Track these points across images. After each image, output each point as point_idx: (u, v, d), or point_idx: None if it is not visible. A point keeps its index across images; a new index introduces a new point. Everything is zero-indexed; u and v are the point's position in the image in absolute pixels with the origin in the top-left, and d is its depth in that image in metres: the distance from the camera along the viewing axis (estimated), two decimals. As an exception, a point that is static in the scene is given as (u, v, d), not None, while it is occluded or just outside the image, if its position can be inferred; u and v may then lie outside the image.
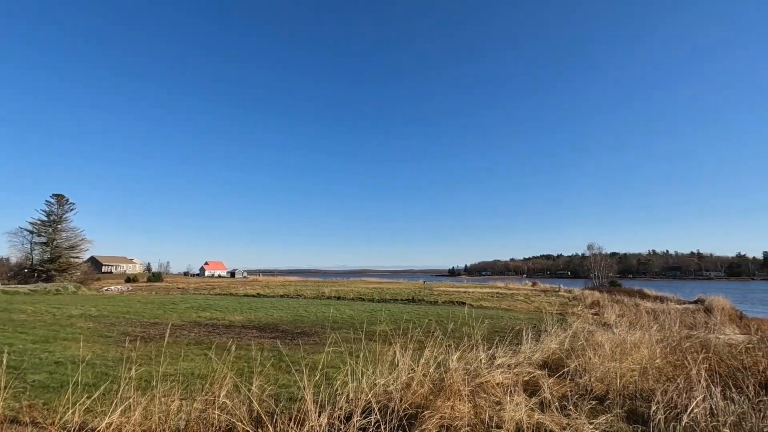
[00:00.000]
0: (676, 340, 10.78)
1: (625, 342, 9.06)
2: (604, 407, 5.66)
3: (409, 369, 5.23)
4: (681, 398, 5.22)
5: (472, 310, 24.59)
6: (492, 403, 4.96)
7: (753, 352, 9.75)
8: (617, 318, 17.79)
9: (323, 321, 17.68)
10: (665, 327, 13.42)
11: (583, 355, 7.73)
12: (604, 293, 39.46)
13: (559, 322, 12.68)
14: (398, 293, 38.77)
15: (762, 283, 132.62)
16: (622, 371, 7.13)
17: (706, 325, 17.01)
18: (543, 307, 26.55)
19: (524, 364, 7.87)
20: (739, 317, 26.19)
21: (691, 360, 7.77)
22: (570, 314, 21.03)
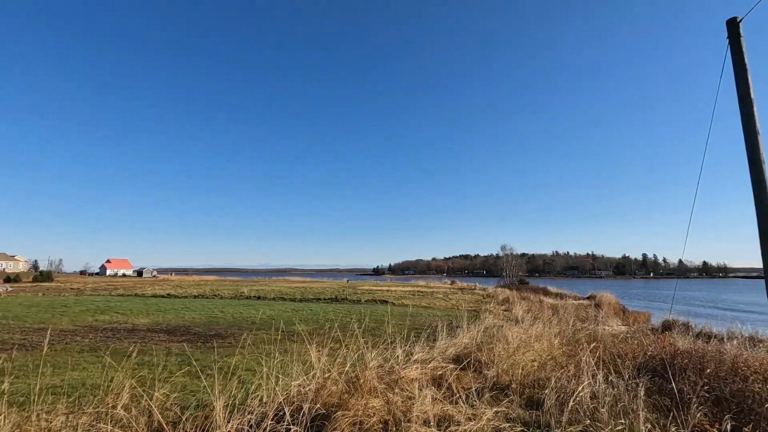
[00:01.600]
0: (571, 332, 12.02)
1: (528, 335, 9.88)
2: (506, 397, 6.11)
3: (325, 369, 5.19)
4: (570, 384, 5.81)
5: (393, 308, 25.14)
6: (405, 398, 5.11)
7: (630, 340, 11.22)
8: (524, 313, 19.27)
9: (240, 322, 16.88)
10: (563, 321, 14.91)
11: (492, 348, 8.28)
12: (514, 291, 42.72)
13: (473, 319, 13.45)
14: (322, 292, 38.35)
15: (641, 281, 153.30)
16: (525, 362, 7.77)
17: (596, 318, 19.22)
18: (460, 304, 27.98)
19: (438, 359, 8.22)
20: (622, 311, 29.94)
21: (581, 350, 8.71)
22: (483, 311, 22.40)
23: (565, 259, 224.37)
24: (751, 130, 5.51)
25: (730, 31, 5.84)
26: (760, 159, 5.46)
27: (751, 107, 5.56)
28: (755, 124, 5.51)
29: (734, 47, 5.77)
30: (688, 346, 8.87)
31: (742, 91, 5.62)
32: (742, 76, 5.67)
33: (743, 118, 5.59)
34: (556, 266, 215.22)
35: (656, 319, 25.12)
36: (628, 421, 4.80)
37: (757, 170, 5.45)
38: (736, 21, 5.80)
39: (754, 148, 5.47)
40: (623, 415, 4.90)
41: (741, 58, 5.71)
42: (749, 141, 5.53)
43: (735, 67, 5.75)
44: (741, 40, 5.76)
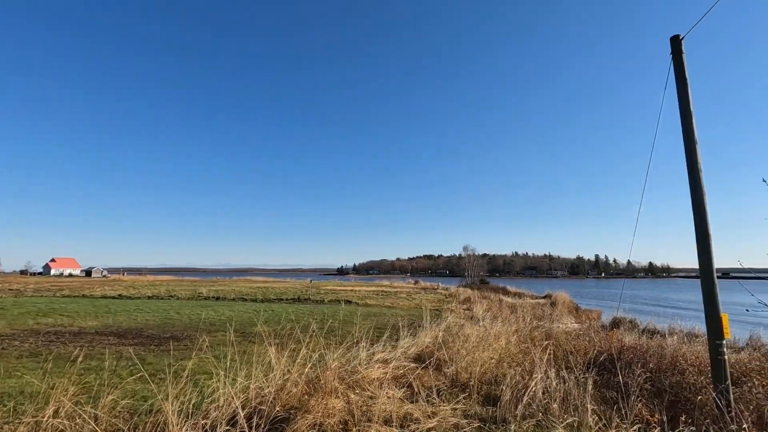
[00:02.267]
0: (528, 330, 12.46)
1: (488, 334, 10.16)
2: (465, 393, 6.25)
3: (285, 370, 5.11)
4: (525, 380, 6.04)
5: (357, 308, 25.09)
6: (366, 397, 5.12)
7: (582, 337, 11.78)
8: (484, 312, 19.72)
9: (198, 323, 16.29)
10: (520, 319, 15.42)
11: (453, 347, 8.45)
12: (475, 290, 43.76)
13: (435, 318, 13.64)
14: (284, 293, 37.69)
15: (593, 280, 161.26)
16: (483, 360, 7.98)
17: (551, 316, 20.05)
18: (422, 304, 28.30)
19: (401, 358, 8.29)
20: (575, 309, 31.35)
21: (536, 347, 9.05)
22: (445, 310, 22.77)
23: (524, 260, 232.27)
24: (690, 140, 5.93)
25: (674, 48, 6.26)
26: (697, 167, 5.89)
27: (690, 119, 5.99)
28: (694, 134, 5.94)
29: (677, 63, 6.19)
30: (633, 342, 9.42)
31: (683, 104, 6.04)
32: (683, 90, 6.10)
33: (684, 128, 6.02)
34: (516, 266, 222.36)
35: (606, 317, 26.51)
36: (578, 414, 5.04)
37: (695, 177, 5.87)
38: (679, 38, 6.23)
39: (692, 157, 5.90)
40: (573, 409, 5.14)
41: (682, 73, 6.13)
42: (689, 150, 5.96)
43: (677, 81, 6.18)
44: (683, 57, 6.19)
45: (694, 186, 5.86)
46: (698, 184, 5.84)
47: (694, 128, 5.98)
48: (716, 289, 5.66)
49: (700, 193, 5.82)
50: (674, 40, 6.26)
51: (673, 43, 6.27)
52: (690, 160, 5.93)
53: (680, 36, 6.25)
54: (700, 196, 5.82)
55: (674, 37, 6.27)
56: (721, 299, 5.70)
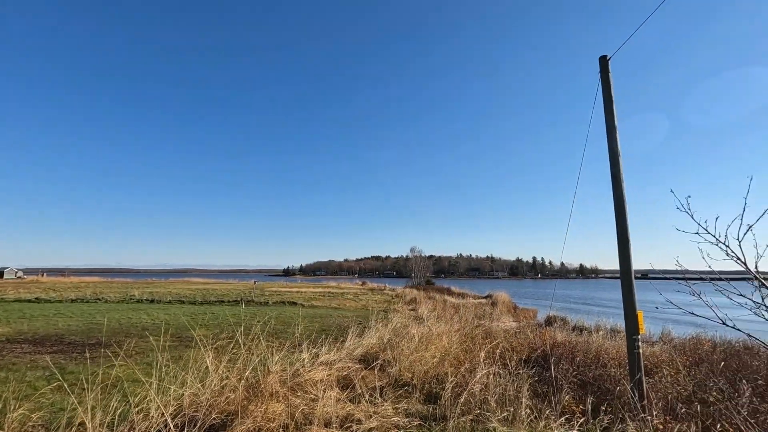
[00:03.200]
0: (470, 329, 12.93)
1: (431, 333, 10.41)
2: (408, 393, 6.38)
3: (223, 375, 4.92)
4: (466, 378, 6.27)
5: (303, 309, 24.67)
6: (309, 400, 5.06)
7: (519, 335, 12.43)
8: (429, 312, 20.15)
9: (128, 328, 15.20)
10: (463, 318, 15.97)
11: (397, 347, 8.57)
12: (421, 291, 44.67)
13: (381, 319, 13.76)
14: (226, 294, 36.18)
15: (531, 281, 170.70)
16: (427, 359, 8.17)
17: (491, 315, 20.96)
18: (369, 304, 28.43)
19: (346, 359, 8.28)
20: (514, 308, 32.99)
21: (477, 345, 9.42)
22: (392, 311, 23.02)
23: (467, 261, 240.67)
24: (614, 153, 6.48)
25: (602, 67, 6.82)
26: (620, 177, 6.44)
27: (614, 133, 6.55)
28: (617, 147, 6.50)
29: (604, 81, 6.75)
30: (564, 339, 10.11)
31: (609, 119, 6.60)
32: (609, 106, 6.66)
33: (609, 142, 6.57)
34: (460, 268, 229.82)
35: (542, 315, 28.13)
36: (513, 408, 5.32)
37: (617, 186, 6.43)
38: (606, 58, 6.79)
39: (615, 168, 6.45)
40: (509, 403, 5.42)
41: (609, 91, 6.70)
42: (612, 161, 6.51)
43: (604, 98, 6.74)
44: (609, 76, 6.76)
45: (617, 195, 6.41)
46: (620, 194, 6.40)
47: (618, 141, 6.54)
48: (634, 289, 6.22)
49: (621, 202, 6.38)
50: (602, 59, 6.82)
51: (601, 63, 6.82)
52: (613, 171, 6.48)
53: (607, 56, 6.81)
54: (621, 205, 6.37)
55: (602, 57, 6.83)
56: (638, 298, 6.28)
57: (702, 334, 12.29)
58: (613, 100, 6.67)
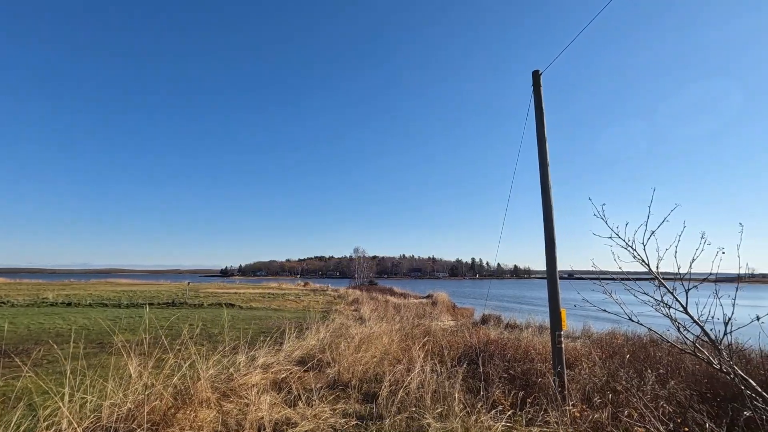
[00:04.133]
0: (410, 328, 13.21)
1: (372, 333, 10.50)
2: (346, 393, 6.38)
3: (148, 383, 4.61)
4: (403, 376, 6.40)
5: (240, 311, 23.77)
6: (242, 405, 4.90)
7: (457, 333, 12.90)
8: (371, 313, 20.31)
9: (39, 334, 13.73)
10: (404, 318, 16.27)
11: (337, 348, 8.55)
12: (363, 291, 44.76)
13: (322, 320, 13.62)
14: (156, 296, 33.88)
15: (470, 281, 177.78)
16: (366, 359, 8.23)
17: (431, 315, 21.56)
18: (311, 305, 28.02)
19: (284, 362, 8.11)
20: (452, 307, 34.12)
21: (416, 344, 9.64)
22: (333, 311, 22.87)
23: (410, 262, 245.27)
24: (543, 162, 6.96)
25: (534, 81, 7.29)
26: (548, 184, 6.93)
27: (544, 143, 7.03)
28: (546, 157, 6.98)
29: (536, 94, 7.22)
30: (496, 336, 10.66)
31: (539, 130, 7.07)
32: (539, 118, 7.13)
33: (539, 151, 7.04)
34: (403, 268, 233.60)
35: (478, 314, 29.36)
36: (447, 404, 5.52)
37: (545, 192, 6.90)
38: (538, 73, 7.28)
39: (544, 175, 6.92)
40: (443, 399, 5.62)
41: (540, 103, 7.18)
42: (542, 170, 6.98)
43: (536, 110, 7.21)
44: (541, 89, 7.24)
45: (545, 201, 6.89)
46: (548, 200, 6.88)
47: (547, 152, 7.03)
48: (558, 288, 6.72)
49: (548, 207, 6.86)
50: (535, 74, 7.29)
51: (533, 77, 7.29)
52: (542, 178, 6.96)
53: (539, 71, 7.30)
54: (548, 210, 6.85)
55: (535, 72, 7.30)
56: (563, 297, 6.79)
57: (617, 329, 13.51)
58: (543, 112, 7.15)
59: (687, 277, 3.96)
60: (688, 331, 3.94)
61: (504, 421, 5.11)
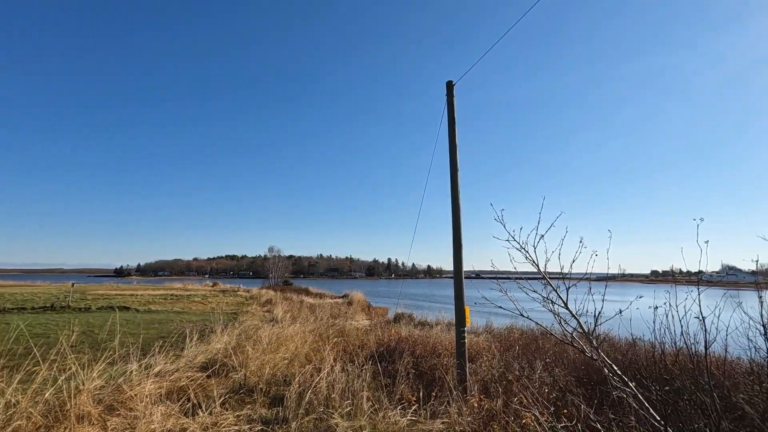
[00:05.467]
0: (324, 328, 13.10)
1: (284, 334, 10.22)
2: (252, 398, 6.13)
3: (11, 401, 3.97)
4: (313, 377, 6.33)
5: (137, 315, 21.61)
6: (132, 418, 4.45)
7: (370, 332, 13.10)
8: (284, 313, 19.77)
9: None
10: (318, 318, 16.09)
11: (244, 351, 8.17)
12: (278, 292, 43.39)
13: (231, 322, 12.93)
14: (30, 299, 29.35)
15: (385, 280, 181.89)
16: (276, 361, 7.98)
17: (346, 314, 21.63)
18: (220, 307, 26.48)
19: (185, 368, 7.54)
20: (368, 307, 34.59)
21: (330, 344, 9.60)
22: (244, 313, 21.85)
23: (327, 262, 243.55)
24: (453, 168, 7.38)
25: (448, 91, 7.70)
26: (457, 188, 7.36)
27: (455, 149, 7.46)
28: (457, 162, 7.42)
29: (449, 104, 7.63)
30: (407, 334, 11.03)
31: (451, 137, 7.49)
32: (452, 126, 7.55)
33: (450, 158, 7.45)
34: (320, 268, 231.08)
35: (392, 313, 30.12)
36: (356, 402, 5.58)
37: (455, 196, 7.33)
38: (452, 83, 7.70)
39: (454, 181, 7.35)
40: (352, 398, 5.66)
41: (452, 112, 7.60)
42: (452, 175, 7.40)
43: (448, 119, 7.62)
44: (453, 99, 7.67)
45: (454, 204, 7.31)
46: (456, 203, 7.30)
47: (458, 157, 7.46)
48: (463, 287, 7.16)
49: (457, 210, 7.29)
50: (449, 84, 7.70)
51: (447, 87, 7.69)
52: (453, 183, 7.37)
53: (453, 82, 7.72)
54: (457, 213, 7.28)
55: (449, 82, 7.71)
56: (469, 295, 7.24)
57: (514, 324, 14.79)
58: (455, 120, 7.58)
59: (568, 276, 4.48)
60: (568, 324, 4.46)
61: (409, 416, 5.31)
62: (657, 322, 4.08)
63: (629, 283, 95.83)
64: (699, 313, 3.64)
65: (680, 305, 3.77)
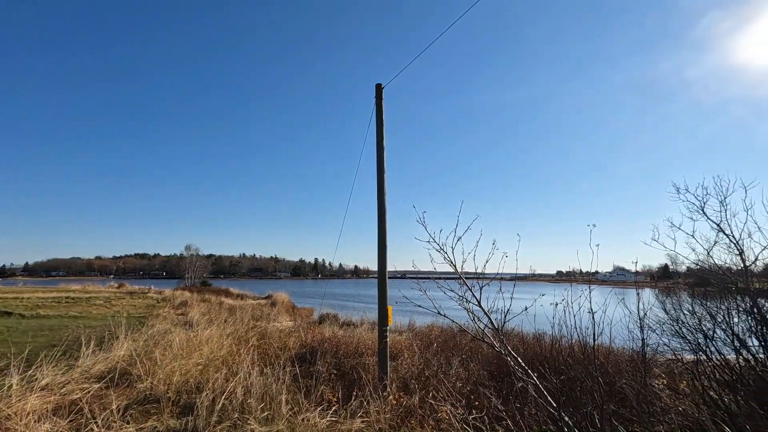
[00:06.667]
0: (244, 331, 12.55)
1: (198, 338, 9.60)
2: (159, 408, 5.67)
3: None
4: (229, 382, 6.02)
5: (22, 321, 18.94)
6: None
7: (294, 334, 12.80)
8: (200, 316, 18.63)
9: None
10: (238, 320, 15.37)
11: (152, 357, 7.54)
12: (195, 293, 40.69)
13: (139, 326, 11.87)
14: None
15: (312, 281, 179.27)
16: (188, 367, 7.47)
17: (269, 316, 20.93)
18: (126, 310, 24.19)
19: (79, 380, 6.78)
20: (292, 308, 33.81)
21: (250, 347, 9.21)
22: (155, 316, 20.19)
23: (251, 261, 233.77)
24: (380, 170, 7.50)
25: (377, 93, 7.81)
26: (383, 189, 7.48)
27: (382, 151, 7.58)
28: (383, 164, 7.54)
29: (378, 106, 7.74)
30: (331, 334, 10.96)
31: (379, 139, 7.61)
32: (380, 128, 7.67)
33: (377, 159, 7.56)
34: (242, 268, 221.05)
35: (318, 314, 29.76)
36: (273, 406, 5.41)
37: (381, 196, 7.45)
38: (381, 86, 7.82)
39: (380, 181, 7.46)
40: (269, 402, 5.49)
41: (381, 115, 7.72)
42: (379, 177, 7.51)
43: (377, 121, 7.73)
44: (382, 102, 7.79)
45: (380, 205, 7.43)
46: (382, 204, 7.43)
47: (384, 158, 7.59)
48: (387, 287, 7.29)
49: (382, 211, 7.41)
50: (378, 87, 7.81)
51: (377, 90, 7.80)
52: (379, 184, 7.48)
53: (382, 85, 7.84)
54: (382, 214, 7.41)
55: (378, 85, 7.82)
56: (392, 294, 7.37)
57: (435, 322, 15.39)
58: (383, 122, 7.71)
59: (482, 276, 4.78)
60: (480, 321, 4.75)
61: (329, 416, 5.28)
62: (556, 317, 4.51)
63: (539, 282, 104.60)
64: (590, 308, 4.10)
65: (575, 302, 4.22)
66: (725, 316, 5.09)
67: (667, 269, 29.98)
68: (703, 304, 5.59)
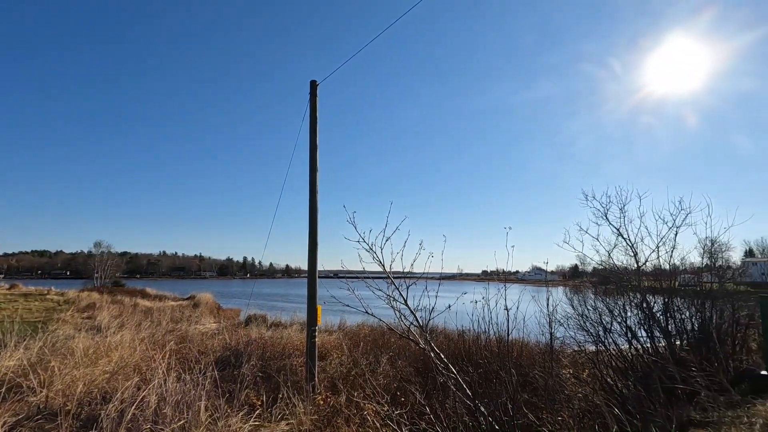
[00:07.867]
0: (161, 334, 11.68)
1: (107, 344, 8.76)
2: (56, 423, 5.09)
3: None
4: (141, 390, 5.57)
5: None
6: None
7: (218, 336, 12.17)
8: (111, 319, 17.09)
9: None
10: (155, 323, 14.27)
11: (49, 366, 6.75)
12: (105, 294, 37.07)
13: (35, 332, 10.55)
14: None
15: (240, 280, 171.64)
16: (94, 376, 6.80)
17: (191, 318, 19.68)
18: (19, 314, 21.37)
19: (-46, 395, 5.86)
20: (217, 309, 32.13)
21: (168, 351, 8.58)
22: (55, 320, 18.09)
23: (172, 260, 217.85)
24: (313, 165, 7.41)
25: (312, 90, 7.69)
26: (315, 187, 7.39)
27: (315, 149, 7.49)
28: (316, 162, 7.46)
29: (312, 103, 7.63)
30: (257, 335, 10.60)
31: (312, 136, 7.51)
32: (313, 125, 7.57)
33: (310, 157, 7.46)
34: (162, 267, 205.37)
35: (244, 315, 28.56)
36: (191, 413, 5.10)
37: (313, 195, 7.35)
38: (315, 83, 7.72)
39: (313, 178, 7.37)
40: (187, 409, 5.17)
41: (315, 112, 7.62)
42: (311, 176, 7.41)
43: (311, 118, 7.62)
44: (317, 99, 7.70)
45: (312, 204, 7.33)
46: (314, 202, 7.34)
47: (317, 156, 7.50)
48: (316, 287, 7.22)
49: (314, 210, 7.32)
50: (312, 84, 7.70)
51: (311, 86, 7.69)
52: (311, 182, 7.39)
53: (317, 82, 7.75)
54: (314, 212, 7.32)
55: (312, 82, 7.71)
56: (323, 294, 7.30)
57: (366, 321, 15.50)
58: (317, 119, 7.62)
59: (410, 275, 4.92)
60: (406, 319, 4.89)
61: (252, 421, 5.11)
62: (477, 314, 4.78)
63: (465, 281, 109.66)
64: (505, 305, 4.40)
65: (492, 299, 4.51)
66: (621, 311, 5.76)
67: (577, 269, 33.20)
68: (603, 300, 6.29)
